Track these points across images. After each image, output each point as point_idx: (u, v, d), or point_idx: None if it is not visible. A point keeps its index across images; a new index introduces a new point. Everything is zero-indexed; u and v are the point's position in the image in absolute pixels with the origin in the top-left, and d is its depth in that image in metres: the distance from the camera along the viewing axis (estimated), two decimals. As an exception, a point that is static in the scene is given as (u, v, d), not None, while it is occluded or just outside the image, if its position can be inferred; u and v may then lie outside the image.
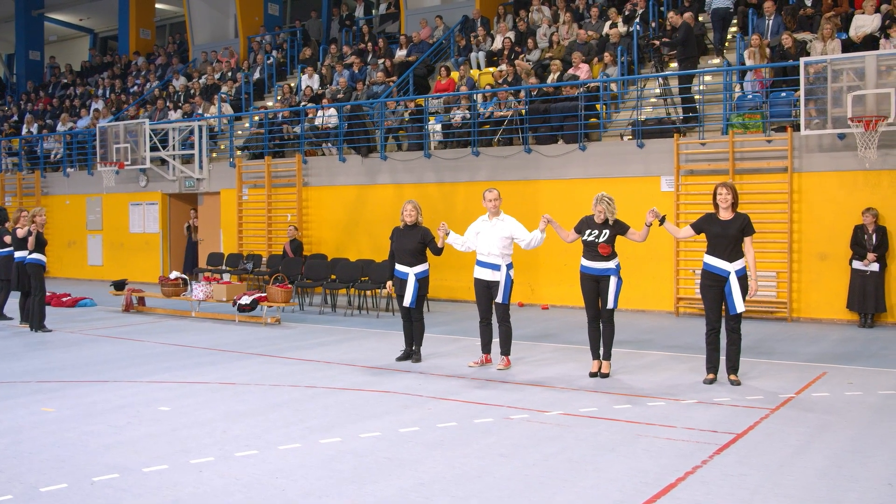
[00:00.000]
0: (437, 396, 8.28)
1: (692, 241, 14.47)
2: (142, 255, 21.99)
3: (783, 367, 9.70)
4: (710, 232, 8.80)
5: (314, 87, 21.01)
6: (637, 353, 10.70)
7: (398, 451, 6.38)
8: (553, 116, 15.95)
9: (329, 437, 6.78)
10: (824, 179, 13.51)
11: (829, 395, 8.21)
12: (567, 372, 9.47)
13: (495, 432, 6.91)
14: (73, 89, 28.34)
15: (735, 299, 8.58)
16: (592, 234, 9.13)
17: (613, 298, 9.08)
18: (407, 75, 19.48)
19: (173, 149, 20.81)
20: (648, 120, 15.31)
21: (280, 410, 7.77)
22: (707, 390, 8.44)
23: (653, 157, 14.91)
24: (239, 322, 13.96)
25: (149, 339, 12.27)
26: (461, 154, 16.99)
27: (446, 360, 10.26)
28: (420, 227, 10.28)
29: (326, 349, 11.27)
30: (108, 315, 15.19)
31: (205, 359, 10.60)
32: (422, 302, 10.28)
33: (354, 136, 18.40)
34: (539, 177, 16.08)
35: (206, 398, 8.33)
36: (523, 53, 18.78)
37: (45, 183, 24.06)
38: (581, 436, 6.78)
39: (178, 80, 25.13)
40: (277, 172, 19.38)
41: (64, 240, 23.70)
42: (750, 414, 7.43)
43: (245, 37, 25.89)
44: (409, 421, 7.31)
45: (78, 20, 33.44)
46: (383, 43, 21.82)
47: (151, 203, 21.84)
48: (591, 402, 8.00)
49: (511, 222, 9.82)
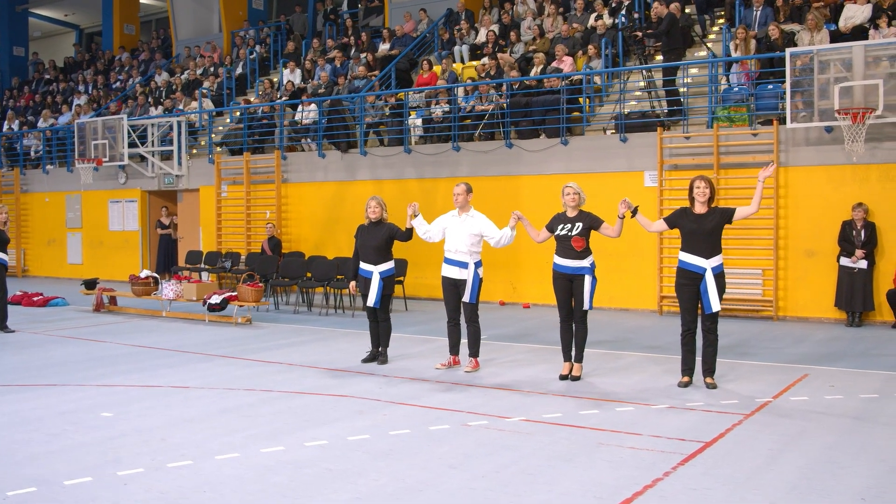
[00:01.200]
0: (396, 401, 7.87)
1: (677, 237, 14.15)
2: (121, 254, 21.57)
3: (764, 369, 9.29)
4: (684, 227, 8.39)
5: (296, 82, 20.58)
6: (613, 355, 10.30)
7: (341, 462, 5.98)
8: (534, 110, 15.54)
9: (272, 446, 6.38)
10: (811, 174, 13.10)
11: (809, 398, 7.80)
12: (537, 374, 9.07)
13: (449, 441, 6.51)
14: (55, 85, 27.91)
15: (711, 298, 8.18)
16: (565, 229, 8.73)
17: (588, 299, 8.67)
18: (389, 69, 19.07)
19: (152, 145, 20.40)
20: (632, 113, 14.90)
21: (227, 416, 7.37)
22: (681, 394, 8.03)
23: (636, 152, 14.50)
24: (209, 322, 13.55)
25: (113, 339, 11.86)
26: (442, 149, 16.59)
27: (414, 362, 9.86)
28: (385, 224, 9.88)
29: (293, 350, 10.87)
30: (78, 315, 14.78)
31: (165, 361, 10.20)
32: (387, 301, 9.87)
33: (334, 131, 18.00)
34: (520, 172, 15.67)
35: (153, 403, 7.92)
36: (507, 47, 18.37)
37: (24, 180, 23.65)
38: (539, 444, 6.37)
39: (160, 75, 24.71)
40: (257, 169, 18.97)
41: (44, 238, 23.30)
42: (723, 420, 7.03)
43: (229, 31, 25.46)
44: (361, 428, 6.91)
45: (63, 16, 32.97)
46: (366, 37, 21.40)
47: (131, 200, 21.42)
48: (556, 407, 7.59)
49: (481, 219, 9.42)
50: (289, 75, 21.05)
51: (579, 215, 8.75)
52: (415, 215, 9.53)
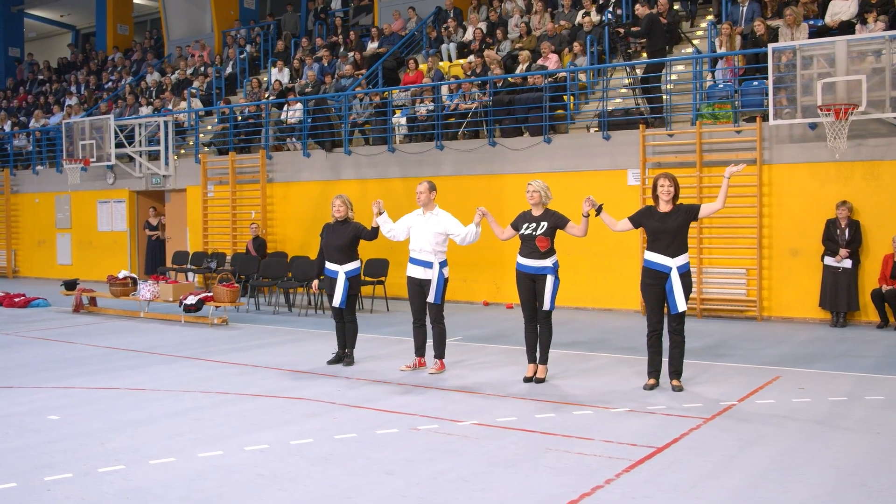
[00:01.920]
0: (351, 404, 7.68)
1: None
2: (110, 254, 21.43)
3: (737, 371, 9.07)
4: (648, 226, 8.19)
5: (284, 82, 20.42)
6: (585, 356, 10.09)
7: (277, 467, 5.79)
8: (517, 108, 15.34)
9: (211, 451, 6.19)
10: (795, 171, 12.85)
11: (775, 402, 7.58)
12: (503, 377, 8.87)
13: (393, 445, 6.31)
14: (48, 86, 27.83)
15: (676, 298, 7.97)
16: (529, 228, 8.53)
17: (550, 299, 8.47)
18: (375, 68, 18.89)
19: (140, 145, 20.26)
20: (616, 111, 14.68)
21: (175, 420, 7.19)
22: (644, 397, 7.82)
23: (619, 150, 14.28)
24: (185, 323, 13.38)
25: (83, 341, 11.71)
26: (425, 148, 16.39)
27: (380, 364, 9.67)
28: (351, 223, 9.71)
29: (262, 351, 10.69)
30: (57, 316, 14.64)
31: (130, 362, 10.03)
32: (353, 302, 9.69)
33: (319, 130, 17.84)
34: (504, 171, 15.47)
35: (103, 406, 7.76)
36: (494, 44, 18.16)
37: (14, 181, 23.55)
38: (485, 449, 6.17)
39: (151, 75, 24.59)
40: (242, 168, 18.82)
41: (34, 239, 23.20)
42: (681, 424, 6.82)
43: (220, 31, 25.33)
44: (308, 431, 6.72)
45: (59, 16, 32.91)
46: (354, 35, 21.23)
47: (119, 201, 21.29)
48: (513, 410, 7.39)
49: (445, 217, 9.24)
50: (277, 74, 20.90)
51: (544, 214, 8.55)
52: (379, 213, 9.37)
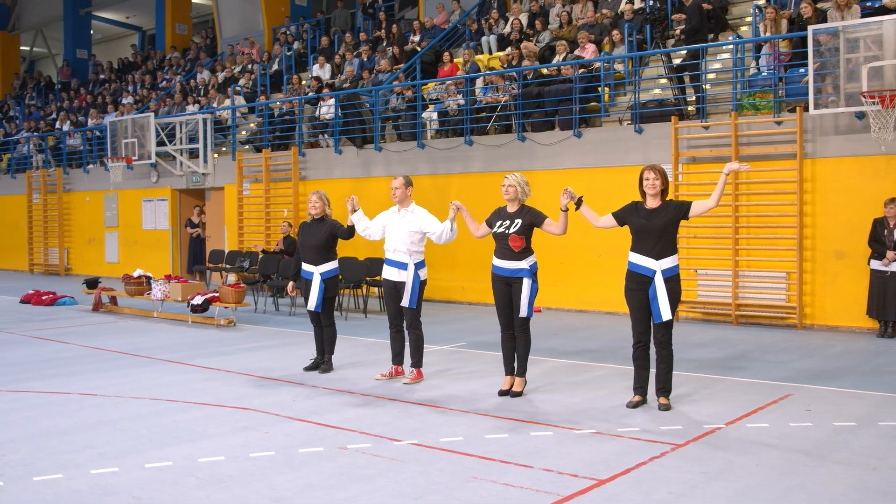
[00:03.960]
0: (296, 416, 7.05)
1: (695, 236, 12.91)
2: (153, 252, 21.40)
3: (745, 387, 8.10)
4: (632, 223, 7.32)
5: (325, 78, 19.99)
6: (584, 367, 9.24)
7: (159, 489, 5.19)
8: (547, 101, 14.48)
9: (109, 467, 5.64)
10: (840, 166, 11.67)
11: (769, 426, 6.62)
12: (479, 389, 8.10)
13: (305, 467, 5.64)
14: (107, 86, 28.15)
15: (661, 305, 7.09)
16: (503, 226, 7.76)
17: (527, 305, 7.70)
18: (413, 62, 18.26)
19: (180, 143, 20.13)
20: (649, 102, 13.69)
21: (97, 430, 6.68)
22: (620, 417, 6.95)
23: (653, 144, 13.29)
24: (192, 323, 13.00)
25: (78, 341, 11.39)
26: (454, 143, 15.69)
27: (358, 372, 9.02)
28: (328, 221, 9.11)
29: (247, 355, 10.16)
30: (75, 314, 14.47)
31: (105, 364, 9.63)
32: (330, 305, 9.06)
33: (351, 126, 17.33)
34: (533, 167, 14.62)
35: (41, 412, 7.31)
36: (534, 35, 17.33)
37: (67, 180, 23.80)
38: (402, 476, 5.44)
39: (201, 73, 24.54)
40: (277, 166, 18.45)
41: (85, 236, 23.39)
42: (644, 451, 5.95)
43: (270, 28, 25.12)
44: (226, 447, 6.11)
45: (124, 18, 33.40)
46: (397, 30, 20.65)
47: (162, 199, 21.24)
48: (466, 428, 6.63)
49: (422, 214, 8.54)
50: (317, 71, 20.49)
51: (519, 211, 7.79)
52: (354, 210, 8.73)
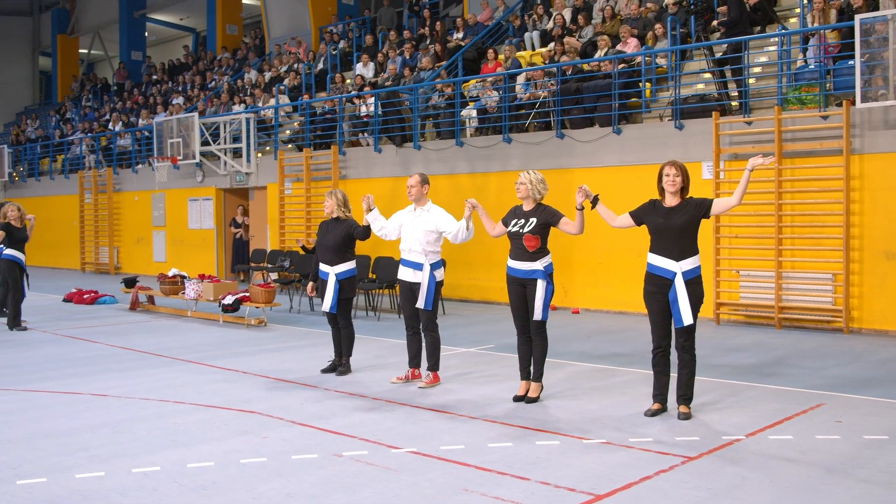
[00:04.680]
0: (298, 421, 6.85)
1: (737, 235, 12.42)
2: (199, 252, 21.54)
3: (774, 395, 7.66)
4: (650, 223, 6.95)
5: (368, 76, 19.87)
6: (610, 371, 8.88)
7: (138, 495, 5.04)
8: (586, 97, 14.10)
9: (96, 471, 5.52)
10: (890, 162, 11.09)
11: (792, 438, 6.21)
12: (494, 394, 7.82)
13: (293, 474, 5.44)
14: (159, 87, 28.50)
15: (682, 309, 6.71)
16: (517, 225, 7.47)
17: (541, 308, 7.38)
18: (455, 59, 18.01)
19: (224, 142, 20.21)
20: (690, 97, 13.22)
21: (96, 432, 6.57)
22: (634, 426, 6.61)
23: (693, 140, 12.84)
24: (223, 323, 12.95)
25: (108, 340, 11.39)
26: (493, 142, 15.41)
27: (376, 374, 8.81)
28: (344, 221, 8.91)
29: (268, 357, 10.02)
30: (112, 313, 14.55)
31: (126, 364, 9.58)
32: (347, 306, 8.86)
33: (390, 125, 17.16)
34: (572, 164, 14.28)
35: (46, 413, 7.26)
36: (577, 31, 16.94)
37: (117, 179, 24.12)
38: (390, 486, 5.20)
39: (249, 73, 24.65)
40: (318, 165, 18.38)
41: (134, 236, 23.67)
42: (653, 464, 5.61)
43: (317, 28, 25.12)
44: (218, 452, 5.94)
45: (178, 20, 33.82)
46: (440, 27, 20.42)
47: (207, 199, 21.36)
48: (471, 436, 6.36)
49: (438, 213, 8.28)
50: (361, 69, 20.37)
51: (535, 210, 7.48)
52: (369, 209, 8.52)
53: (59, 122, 30.85)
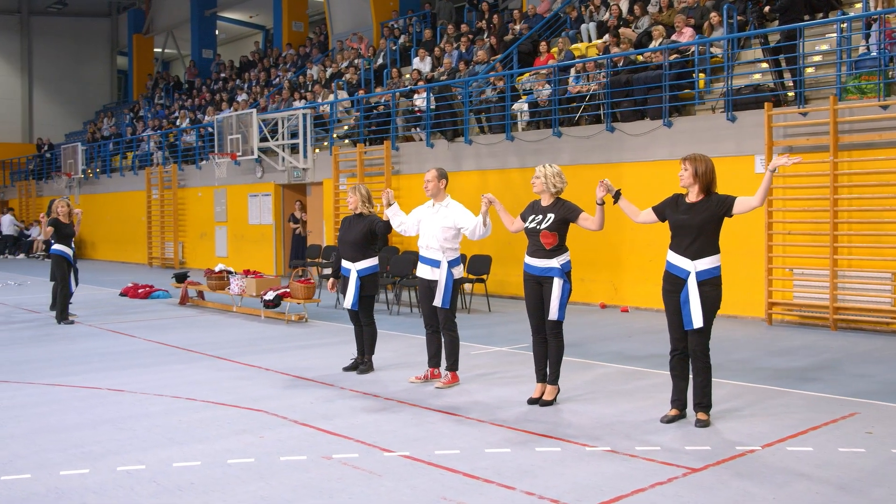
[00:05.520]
0: (302, 421, 6.72)
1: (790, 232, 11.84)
2: (259, 247, 21.75)
3: (808, 402, 7.21)
4: (670, 218, 6.61)
5: (424, 71, 19.72)
6: (640, 374, 8.53)
7: (112, 495, 4.96)
8: (636, 89, 13.66)
9: (79, 468, 5.47)
10: (955, 155, 10.41)
11: (812, 450, 5.79)
12: (512, 395, 7.55)
13: (274, 477, 5.29)
14: (226, 84, 28.90)
15: (692, 311, 6.36)
16: (535, 221, 7.20)
17: (558, 307, 7.09)
18: (510, 52, 17.71)
19: (282, 138, 20.34)
20: (744, 88, 12.66)
21: (101, 428, 6.55)
22: (648, 433, 6.27)
23: (746, 133, 12.29)
24: (264, 319, 12.97)
25: (146, 335, 11.49)
26: (543, 136, 15.08)
27: (397, 373, 8.63)
28: (367, 217, 8.76)
29: (295, 353, 9.93)
30: (162, 308, 14.73)
31: (154, 359, 9.62)
32: (369, 303, 8.69)
33: (442, 119, 16.98)
34: (622, 159, 13.86)
35: (59, 407, 7.29)
36: (633, 21, 16.46)
37: (181, 175, 24.53)
38: (367, 492, 5.01)
39: (311, 69, 24.77)
40: (371, 160, 18.31)
41: (197, 231, 24.05)
42: (652, 474, 5.28)
43: (378, 23, 25.08)
44: (210, 451, 5.85)
45: (248, 17, 34.26)
46: (497, 19, 20.13)
47: (266, 194, 21.53)
48: (471, 440, 6.12)
49: (456, 209, 8.07)
50: (418, 63, 20.24)
51: (553, 205, 7.21)
52: (389, 204, 8.36)
53: (132, 119, 31.60)
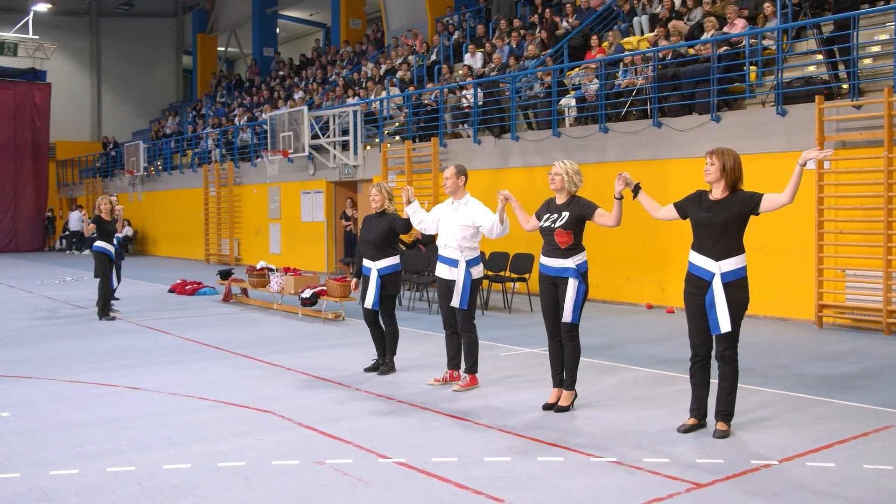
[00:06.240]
0: (306, 423, 6.56)
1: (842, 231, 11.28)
2: (311, 244, 21.81)
3: (843, 412, 6.78)
4: (693, 216, 6.26)
5: (475, 67, 19.49)
6: (669, 379, 8.17)
7: (93, 497, 4.88)
8: (684, 83, 13.20)
9: (70, 468, 5.41)
10: None
11: (834, 466, 5.40)
12: (529, 400, 7.28)
13: (259, 482, 5.14)
14: (283, 82, 29.08)
15: (719, 314, 6.00)
16: (549, 219, 6.93)
17: (572, 309, 6.80)
18: (560, 47, 17.36)
19: (333, 135, 20.34)
20: (795, 81, 12.11)
21: (106, 427, 6.50)
22: (661, 443, 5.94)
23: (797, 127, 11.76)
24: (302, 316, 12.91)
25: (181, 332, 11.51)
26: (590, 131, 14.71)
27: (418, 374, 8.44)
28: (388, 215, 8.61)
29: (321, 353, 9.83)
30: (206, 305, 14.82)
31: (178, 357, 9.59)
32: (390, 303, 8.51)
33: (489, 115, 16.73)
34: (669, 155, 13.42)
35: (72, 405, 7.29)
36: (686, 13, 15.95)
37: (237, 173, 24.76)
38: (348, 501, 4.81)
39: (365, 66, 24.74)
40: (420, 157, 18.16)
41: (253, 228, 24.24)
42: (653, 489, 4.98)
43: (433, 19, 24.91)
44: (204, 454, 5.73)
45: (308, 15, 34.45)
46: (550, 14, 19.76)
47: (318, 192, 21.56)
48: (473, 447, 5.88)
49: (475, 207, 7.84)
50: (469, 59, 20.01)
51: (568, 202, 6.92)
52: (409, 201, 8.18)
53: (194, 117, 32.06)
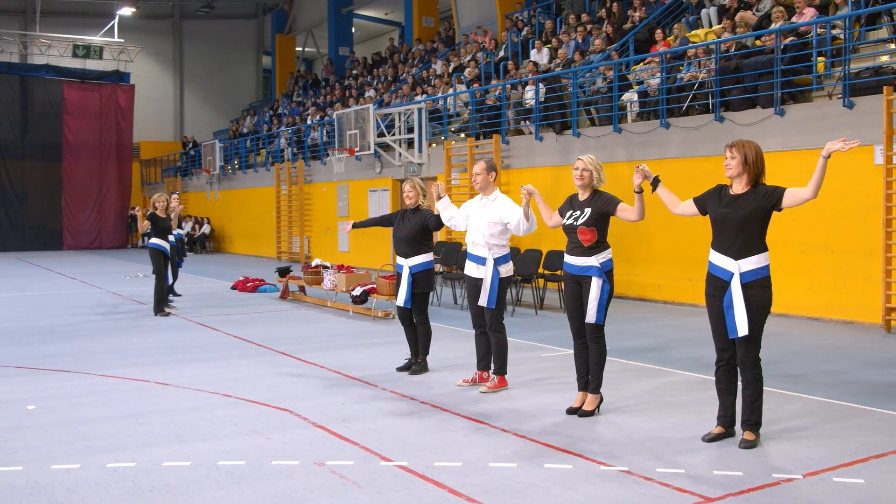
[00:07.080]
0: (319, 423, 6.45)
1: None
2: (379, 243, 21.77)
3: (884, 423, 6.33)
4: (712, 211, 5.92)
5: (542, 63, 19.19)
6: (707, 383, 7.75)
7: (82, 493, 4.85)
8: (747, 76, 12.67)
9: (71, 463, 5.41)
10: None
11: (863, 482, 5.01)
12: (553, 404, 7.01)
13: (252, 483, 5.04)
14: (356, 80, 29.24)
15: (736, 317, 5.66)
16: (572, 217, 6.66)
17: (596, 309, 6.52)
18: (626, 40, 16.95)
19: (398, 133, 20.31)
20: (863, 71, 11.48)
21: (122, 422, 6.52)
22: (680, 452, 5.62)
23: (865, 120, 11.15)
24: (352, 314, 12.88)
25: (229, 329, 11.56)
26: (651, 127, 14.29)
27: (449, 374, 8.25)
28: (421, 211, 8.44)
29: (357, 351, 9.74)
30: (263, 302, 14.94)
31: (218, 354, 9.63)
32: (423, 301, 8.35)
33: (551, 111, 16.42)
34: (731, 151, 12.88)
35: (97, 399, 7.35)
36: (755, 4, 15.35)
37: (308, 171, 24.98)
38: (334, 505, 4.69)
39: (435, 64, 24.66)
40: (482, 155, 17.94)
41: (322, 225, 24.42)
42: (656, 502, 4.69)
43: (503, 15, 24.65)
44: (207, 452, 5.67)
45: (383, 14, 34.58)
46: (618, 7, 19.31)
47: (384, 189, 21.58)
48: (482, 452, 5.66)
49: (504, 203, 7.63)
50: (535, 55, 19.71)
51: (591, 198, 6.64)
52: (440, 197, 8.01)
53: (270, 117, 32.53)
